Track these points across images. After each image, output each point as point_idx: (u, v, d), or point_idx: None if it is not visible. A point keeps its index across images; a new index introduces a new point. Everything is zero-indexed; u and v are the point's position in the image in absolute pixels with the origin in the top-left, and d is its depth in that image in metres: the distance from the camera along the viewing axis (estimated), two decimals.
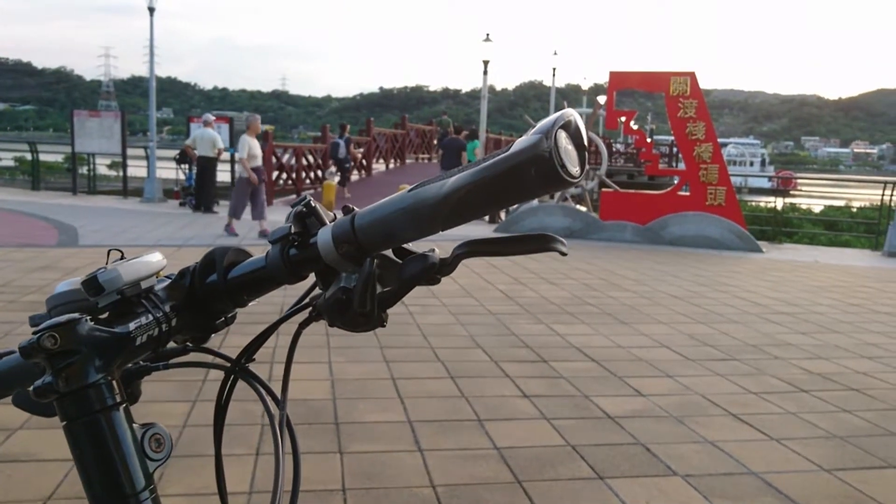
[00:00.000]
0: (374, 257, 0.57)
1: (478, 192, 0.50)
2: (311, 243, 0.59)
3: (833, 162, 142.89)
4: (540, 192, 0.50)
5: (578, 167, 0.50)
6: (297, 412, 3.54)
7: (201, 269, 0.64)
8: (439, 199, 0.51)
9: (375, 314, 0.58)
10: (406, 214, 0.54)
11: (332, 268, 0.59)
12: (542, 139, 0.48)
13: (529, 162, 0.48)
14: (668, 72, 11.24)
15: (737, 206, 11.26)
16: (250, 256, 0.65)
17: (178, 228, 10.76)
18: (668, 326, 5.75)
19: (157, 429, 0.59)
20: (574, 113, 0.52)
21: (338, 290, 0.57)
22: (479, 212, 0.52)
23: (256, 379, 0.68)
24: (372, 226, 0.56)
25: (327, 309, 0.59)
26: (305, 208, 0.61)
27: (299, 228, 0.60)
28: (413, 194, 0.53)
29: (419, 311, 5.81)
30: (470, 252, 0.57)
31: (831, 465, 3.19)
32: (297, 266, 0.60)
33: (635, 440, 3.38)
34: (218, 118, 15.70)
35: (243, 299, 0.64)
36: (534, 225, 11.63)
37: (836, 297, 7.35)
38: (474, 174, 0.50)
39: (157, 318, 0.60)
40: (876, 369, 4.78)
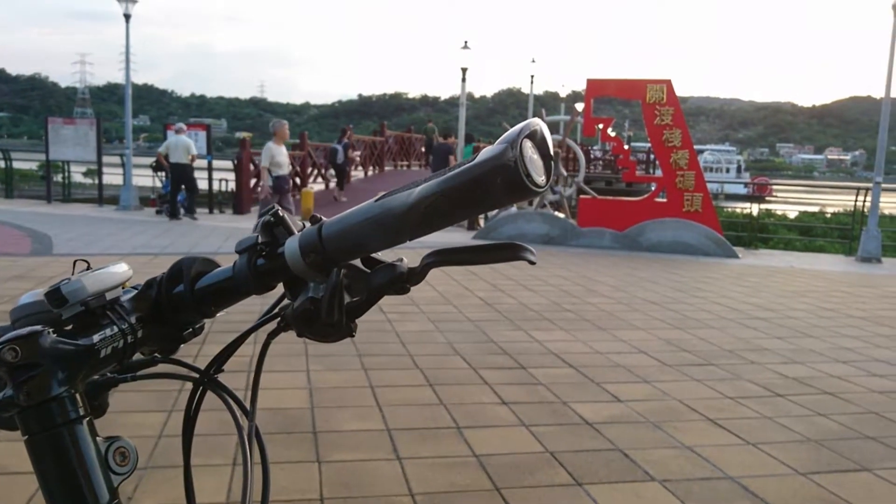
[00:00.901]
0: (341, 267, 0.57)
1: (444, 202, 0.50)
2: (278, 253, 0.59)
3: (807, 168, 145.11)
4: (506, 201, 0.50)
5: (544, 176, 0.50)
6: (275, 421, 3.51)
7: (168, 280, 0.63)
8: (406, 208, 0.51)
9: (344, 324, 0.57)
10: (373, 224, 0.53)
11: (301, 278, 0.58)
12: (508, 149, 0.48)
13: (495, 171, 0.48)
14: (645, 79, 11.36)
15: (713, 213, 11.39)
16: (218, 266, 0.64)
17: (154, 237, 10.65)
18: (646, 332, 5.79)
19: (122, 442, 0.58)
20: (540, 122, 0.52)
21: (306, 300, 0.57)
22: (447, 221, 0.52)
23: (225, 390, 0.68)
24: (339, 235, 0.55)
25: (295, 319, 0.58)
26: (273, 218, 0.60)
27: (267, 238, 0.60)
28: (380, 204, 0.53)
29: (398, 319, 5.80)
30: (438, 261, 0.57)
31: (806, 469, 3.23)
32: (265, 276, 0.60)
33: (613, 446, 3.39)
34: (194, 125, 15.61)
35: (211, 310, 0.64)
36: (512, 232, 11.68)
37: (811, 302, 7.45)
38: (440, 183, 0.50)
39: (123, 330, 0.60)
40: (850, 373, 4.85)
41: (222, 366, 0.67)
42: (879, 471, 3.24)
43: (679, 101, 11.53)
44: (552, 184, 12.89)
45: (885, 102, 11.51)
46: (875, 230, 11.50)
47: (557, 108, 32.05)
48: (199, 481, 2.74)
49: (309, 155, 18.51)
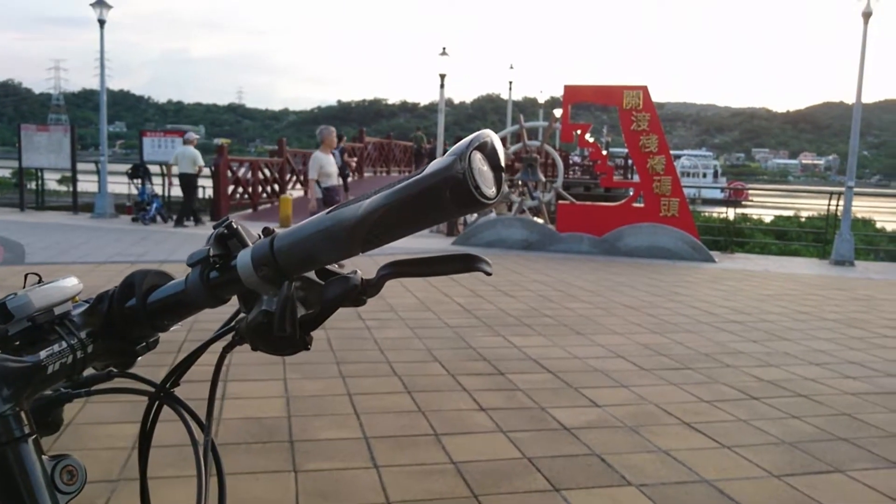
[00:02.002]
0: (293, 280, 0.56)
1: (393, 214, 0.50)
2: (231, 266, 0.58)
3: (782, 173, 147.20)
4: (456, 213, 0.50)
5: (494, 188, 0.50)
6: (251, 431, 3.48)
7: (120, 294, 0.62)
8: (356, 221, 0.51)
9: (297, 337, 0.57)
10: (324, 236, 0.53)
11: (255, 291, 0.58)
12: (456, 161, 0.48)
13: (443, 184, 0.48)
14: (622, 85, 11.46)
15: (690, 217, 11.51)
16: (172, 279, 0.64)
17: (130, 245, 10.53)
18: (624, 337, 5.82)
19: (70, 460, 0.57)
20: (491, 134, 0.52)
21: (259, 313, 0.56)
22: (397, 233, 0.52)
23: (181, 404, 0.67)
24: (291, 248, 0.55)
25: (248, 333, 0.58)
26: (227, 230, 0.59)
27: (220, 251, 0.59)
28: (331, 216, 0.53)
29: (376, 326, 5.78)
30: (394, 273, 0.56)
31: (781, 471, 3.26)
32: (218, 289, 0.59)
33: (591, 451, 3.40)
34: (171, 132, 15.49)
35: (164, 324, 0.63)
36: (492, 237, 11.70)
37: (786, 306, 7.55)
38: (389, 196, 0.50)
39: (72, 346, 0.59)
40: (824, 375, 4.91)
41: (179, 380, 0.66)
42: (851, 472, 3.28)
43: (656, 106, 11.64)
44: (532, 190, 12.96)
45: (857, 108, 11.72)
46: (848, 234, 11.67)
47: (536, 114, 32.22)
48: (170, 492, 2.71)
49: (287, 161, 18.43)
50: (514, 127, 15.94)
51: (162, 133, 15.41)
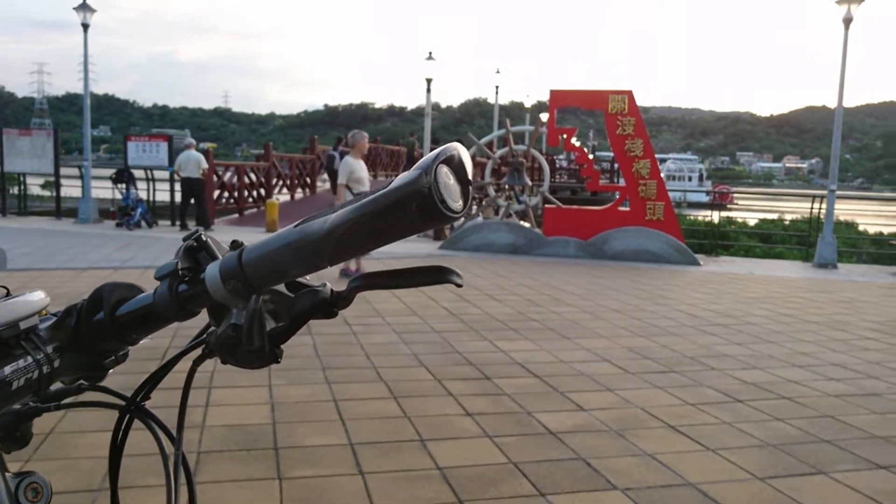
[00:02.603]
0: (261, 293, 0.56)
1: (360, 228, 0.50)
2: (200, 279, 0.58)
3: (767, 176, 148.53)
4: (422, 227, 0.50)
5: (460, 202, 0.50)
6: (236, 438, 3.46)
7: (88, 307, 0.61)
8: (322, 234, 0.51)
9: (267, 351, 0.56)
10: (292, 250, 0.53)
11: (224, 304, 0.57)
12: (422, 175, 0.48)
13: (409, 198, 0.48)
14: (607, 90, 11.52)
15: (675, 221, 11.57)
16: (142, 292, 0.63)
17: (114, 250, 10.45)
18: (609, 340, 5.84)
19: (35, 478, 0.56)
20: (459, 147, 0.52)
21: (228, 326, 0.56)
22: (365, 247, 0.51)
23: (152, 417, 0.66)
24: (259, 261, 0.54)
25: (218, 346, 0.57)
26: (196, 243, 0.59)
27: (189, 264, 0.58)
28: (299, 230, 0.53)
29: (363, 331, 5.76)
30: (365, 285, 0.56)
31: (764, 474, 3.28)
32: (187, 302, 0.58)
33: (576, 455, 3.41)
34: (155, 136, 15.39)
35: (133, 337, 0.62)
36: (479, 242, 11.71)
37: (770, 308, 7.60)
38: (355, 210, 0.50)
39: (38, 360, 0.58)
40: (807, 378, 4.95)
41: (149, 393, 0.66)
42: (834, 473, 3.31)
43: (642, 110, 11.71)
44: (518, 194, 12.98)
45: (838, 113, 11.84)
46: (830, 237, 11.78)
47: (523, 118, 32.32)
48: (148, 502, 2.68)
49: (274, 166, 18.37)
50: (500, 131, 15.97)
51: (146, 137, 15.30)
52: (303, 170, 20.59)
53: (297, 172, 20.21)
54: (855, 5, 11.47)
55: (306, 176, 20.82)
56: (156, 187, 14.72)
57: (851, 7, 11.47)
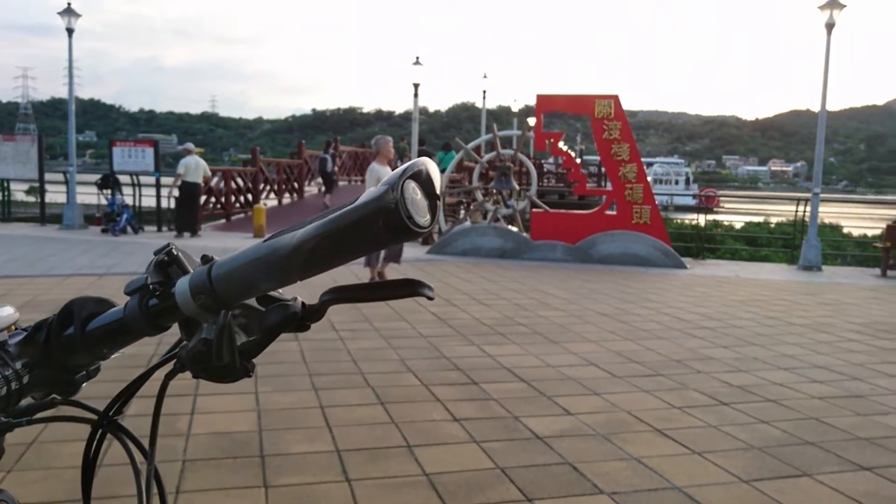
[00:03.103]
0: (231, 308, 0.56)
1: (327, 243, 0.50)
2: (171, 293, 0.57)
3: (752, 179, 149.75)
4: (390, 242, 0.50)
5: (428, 217, 0.50)
6: (221, 446, 3.44)
7: (58, 322, 0.61)
8: (290, 249, 0.51)
9: (237, 365, 0.56)
10: (261, 265, 0.53)
11: (194, 318, 0.57)
12: (389, 191, 0.48)
13: (376, 213, 0.48)
14: (593, 95, 11.57)
15: (661, 224, 11.63)
16: (113, 306, 0.63)
17: (99, 256, 10.37)
18: (597, 344, 5.86)
19: (4, 496, 0.55)
20: (427, 162, 0.52)
21: (198, 341, 0.56)
22: (334, 262, 0.52)
23: (125, 432, 0.65)
24: (229, 276, 0.54)
25: (189, 360, 0.57)
26: (167, 257, 0.59)
27: (159, 278, 0.58)
28: (268, 245, 0.53)
29: (350, 337, 5.75)
30: (337, 299, 0.56)
31: (750, 476, 3.30)
32: (158, 317, 0.58)
33: (563, 460, 3.41)
34: (141, 142, 15.30)
35: (103, 352, 0.62)
36: (467, 246, 11.72)
37: (755, 311, 7.65)
38: (322, 226, 0.50)
39: (6, 377, 0.57)
40: (792, 380, 4.99)
41: (122, 408, 0.65)
42: (819, 475, 3.33)
43: (629, 114, 11.79)
44: (506, 198, 13.01)
45: (821, 117, 11.95)
46: (815, 239, 11.88)
47: (510, 123, 32.40)
48: None
49: (261, 171, 18.31)
50: (487, 136, 16.00)
51: (132, 143, 15.19)
52: (290, 175, 20.54)
53: (285, 177, 20.15)
54: (837, 11, 11.59)
55: (294, 181, 20.77)
56: (142, 193, 14.62)
57: (833, 12, 11.59)
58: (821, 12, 11.70)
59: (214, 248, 11.30)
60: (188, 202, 13.35)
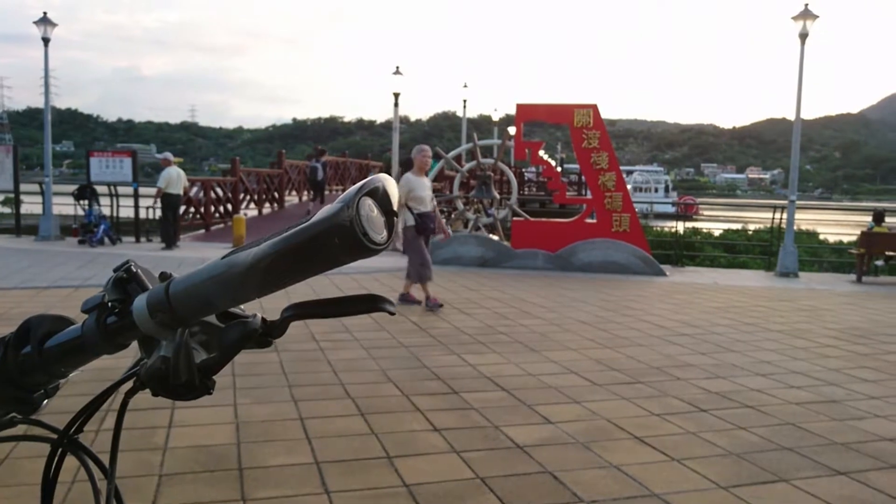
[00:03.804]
0: (190, 325, 0.56)
1: (283, 261, 0.50)
2: (129, 311, 0.57)
3: (731, 187, 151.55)
4: (346, 260, 0.50)
5: (384, 234, 0.51)
6: (198, 460, 3.40)
7: (16, 341, 0.60)
8: (246, 267, 0.51)
9: (197, 383, 0.56)
10: (218, 282, 0.53)
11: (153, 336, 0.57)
12: (344, 208, 0.48)
13: (331, 231, 0.48)
14: (572, 104, 11.66)
15: (640, 232, 11.72)
16: (73, 324, 0.62)
17: (76, 268, 10.24)
18: (577, 352, 5.88)
19: None
20: (384, 179, 0.52)
21: (157, 359, 0.56)
22: (290, 279, 0.51)
23: (85, 451, 0.65)
24: (186, 294, 0.54)
25: (148, 378, 0.57)
26: (126, 274, 0.58)
27: (118, 296, 0.58)
28: (225, 262, 0.52)
29: (330, 347, 5.72)
30: (299, 315, 0.56)
31: (728, 483, 3.32)
32: (116, 335, 0.58)
33: (543, 469, 3.42)
34: (119, 152, 15.17)
35: (61, 371, 0.61)
36: (448, 255, 11.72)
37: (733, 318, 7.72)
38: (277, 243, 0.50)
39: None
40: (769, 386, 5.04)
41: (82, 426, 0.65)
42: (796, 481, 3.36)
43: (608, 123, 11.90)
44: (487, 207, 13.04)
45: (796, 125, 12.13)
46: (791, 246, 12.04)
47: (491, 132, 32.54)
48: None
49: (241, 181, 18.21)
50: (468, 145, 16.04)
51: (110, 153, 15.05)
52: (271, 184, 20.45)
53: (265, 187, 20.05)
54: (810, 21, 11.79)
55: (274, 191, 20.68)
56: (119, 203, 14.47)
57: (807, 23, 11.79)
58: (794, 23, 11.89)
59: (193, 258, 11.20)
60: (171, 214, 13.22)
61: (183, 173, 13.48)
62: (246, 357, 4.95)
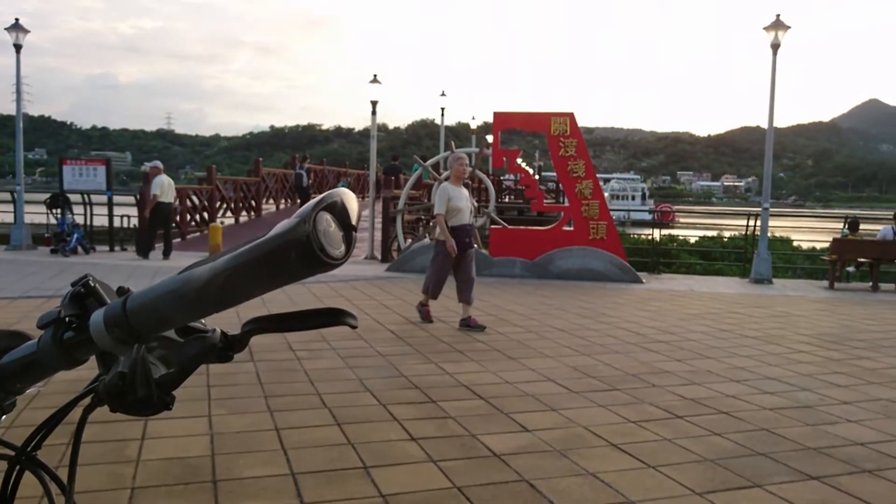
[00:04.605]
0: (148, 340, 0.55)
1: (240, 276, 0.50)
2: (86, 326, 0.56)
3: (706, 194, 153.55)
4: (304, 274, 0.50)
5: (342, 248, 0.50)
6: (172, 472, 3.35)
7: None
8: (203, 282, 0.50)
9: (155, 399, 0.55)
10: (175, 297, 0.52)
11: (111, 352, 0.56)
12: (300, 223, 0.48)
13: (288, 246, 0.48)
14: (549, 112, 11.74)
15: (617, 240, 11.80)
16: (28, 340, 0.61)
17: (48, 278, 10.07)
18: (554, 360, 5.89)
19: None
20: (343, 193, 0.52)
21: (114, 375, 0.55)
22: (249, 294, 0.51)
23: (43, 467, 0.64)
24: (143, 309, 0.54)
25: (105, 394, 0.56)
26: (84, 289, 0.58)
27: (75, 311, 0.57)
28: (182, 277, 0.52)
29: (307, 357, 5.68)
30: (260, 329, 0.56)
31: (703, 489, 3.34)
32: (72, 351, 0.57)
33: (520, 477, 3.41)
34: (93, 160, 14.98)
35: (17, 387, 0.60)
36: (426, 263, 11.68)
37: (709, 324, 7.80)
38: (234, 258, 0.50)
39: None
40: (743, 392, 5.09)
41: (40, 443, 0.64)
42: (769, 486, 3.39)
43: (585, 131, 12.00)
44: None
45: (769, 134, 12.32)
46: (765, 253, 12.20)
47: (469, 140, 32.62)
48: None
49: (217, 189, 18.07)
50: (446, 153, 16.06)
51: (83, 161, 14.83)
52: (248, 192, 20.32)
53: (242, 195, 19.92)
54: (781, 32, 12.00)
55: (251, 199, 20.54)
56: (93, 212, 14.27)
57: (779, 33, 12.00)
58: (766, 33, 12.09)
59: (170, 267, 11.08)
60: (162, 223, 12.93)
61: (172, 182, 13.24)
62: (221, 367, 4.90)
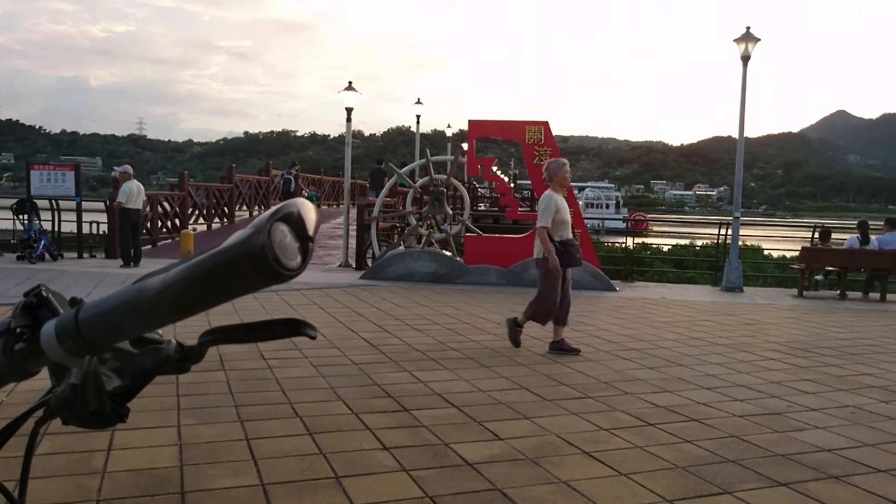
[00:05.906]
0: (101, 352, 0.54)
1: (193, 287, 0.49)
2: (37, 337, 0.55)
3: (679, 203, 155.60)
4: (261, 285, 0.49)
5: (298, 259, 0.50)
6: (139, 484, 3.29)
7: None
8: (156, 293, 0.49)
9: (108, 411, 0.54)
10: (128, 308, 0.51)
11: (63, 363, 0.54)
12: (255, 234, 0.47)
13: (242, 257, 0.47)
14: (524, 121, 11.81)
15: (591, 248, 11.89)
16: None
17: (14, 285, 9.87)
18: (528, 368, 5.90)
19: None
20: (300, 203, 0.51)
21: (66, 387, 0.53)
22: (204, 305, 0.50)
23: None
24: (96, 320, 0.52)
25: (57, 407, 0.54)
26: (36, 299, 0.56)
27: (26, 321, 0.55)
28: (135, 288, 0.51)
29: (279, 365, 5.62)
30: (216, 340, 0.55)
31: (673, 496, 3.36)
32: (22, 362, 0.55)
33: (492, 486, 3.41)
34: (61, 165, 14.72)
35: None
36: (401, 271, 11.69)
37: (681, 332, 7.88)
38: (187, 269, 0.49)
39: None
40: (714, 399, 5.14)
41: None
42: (738, 493, 3.42)
43: (560, 140, 12.09)
44: (440, 222, 13.06)
45: (740, 144, 12.52)
46: (736, 262, 12.37)
47: (445, 147, 32.69)
48: None
49: (189, 195, 17.88)
50: (421, 160, 16.08)
51: (52, 166, 14.58)
52: (220, 199, 20.13)
53: (215, 202, 19.73)
54: (751, 44, 12.21)
55: (224, 205, 20.35)
56: (61, 218, 14.03)
57: (749, 45, 12.21)
58: (737, 45, 12.30)
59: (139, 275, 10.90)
60: (132, 229, 12.67)
61: (141, 188, 12.98)
62: (191, 376, 4.82)
